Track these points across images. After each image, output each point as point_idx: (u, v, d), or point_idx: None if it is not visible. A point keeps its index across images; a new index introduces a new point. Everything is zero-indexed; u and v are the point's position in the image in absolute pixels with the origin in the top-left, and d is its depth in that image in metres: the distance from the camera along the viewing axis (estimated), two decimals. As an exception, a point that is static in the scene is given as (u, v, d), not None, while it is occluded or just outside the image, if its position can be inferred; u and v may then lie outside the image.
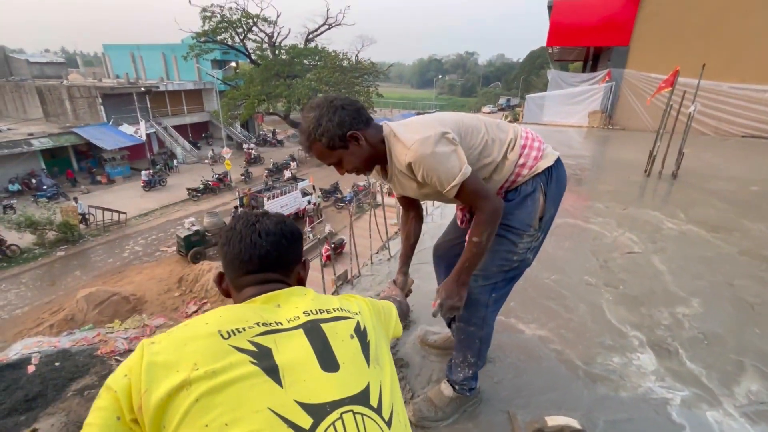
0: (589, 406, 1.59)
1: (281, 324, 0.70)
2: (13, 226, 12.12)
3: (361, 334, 0.76)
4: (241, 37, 23.93)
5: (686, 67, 5.31)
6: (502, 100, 51.27)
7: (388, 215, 3.50)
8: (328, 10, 24.67)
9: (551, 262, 2.74)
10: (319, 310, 0.76)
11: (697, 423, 1.52)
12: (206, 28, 22.61)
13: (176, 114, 25.83)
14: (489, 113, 38.97)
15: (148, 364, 0.61)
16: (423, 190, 1.26)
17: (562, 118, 9.37)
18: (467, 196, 1.16)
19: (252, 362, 0.63)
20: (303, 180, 17.28)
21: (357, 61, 24.41)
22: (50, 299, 10.27)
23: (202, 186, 18.22)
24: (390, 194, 10.79)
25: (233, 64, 26.59)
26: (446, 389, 1.50)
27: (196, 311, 9.41)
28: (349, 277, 2.68)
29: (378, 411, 0.66)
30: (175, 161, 22.32)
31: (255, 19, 23.42)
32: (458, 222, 1.56)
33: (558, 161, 1.32)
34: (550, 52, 12.55)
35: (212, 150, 24.16)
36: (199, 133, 27.82)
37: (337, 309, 0.78)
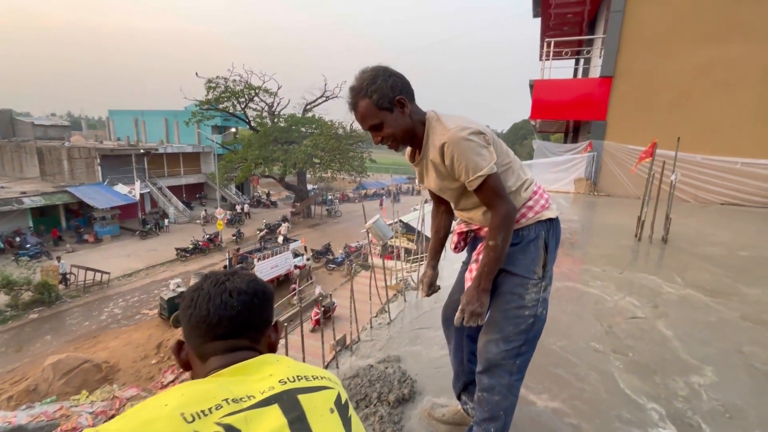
0: (616, 491, 1.44)
1: (253, 397, 0.63)
2: (-13, 286, 11.60)
3: (341, 407, 0.70)
4: (243, 106, 25.37)
5: (661, 139, 5.72)
6: None
7: (383, 276, 3.43)
8: (325, 84, 26.64)
9: (555, 327, 2.66)
10: (297, 377, 0.69)
11: None
12: (210, 97, 23.99)
13: (173, 175, 26.38)
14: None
15: None
16: (444, 182, 1.30)
17: (549, 184, 9.75)
18: (487, 192, 1.20)
19: None
20: (295, 240, 17.22)
21: (352, 130, 25.65)
22: (14, 367, 9.48)
23: (191, 246, 17.98)
24: (383, 255, 10.70)
25: (233, 129, 27.84)
26: (459, 472, 1.36)
27: (173, 381, 8.70)
28: (348, 342, 2.55)
29: None
30: (166, 221, 22.26)
31: (257, 91, 25.07)
32: (452, 247, 1.56)
33: (557, 218, 1.39)
34: (533, 124, 13.46)
35: (205, 210, 24.27)
36: (193, 194, 28.17)
37: (316, 377, 0.72)
